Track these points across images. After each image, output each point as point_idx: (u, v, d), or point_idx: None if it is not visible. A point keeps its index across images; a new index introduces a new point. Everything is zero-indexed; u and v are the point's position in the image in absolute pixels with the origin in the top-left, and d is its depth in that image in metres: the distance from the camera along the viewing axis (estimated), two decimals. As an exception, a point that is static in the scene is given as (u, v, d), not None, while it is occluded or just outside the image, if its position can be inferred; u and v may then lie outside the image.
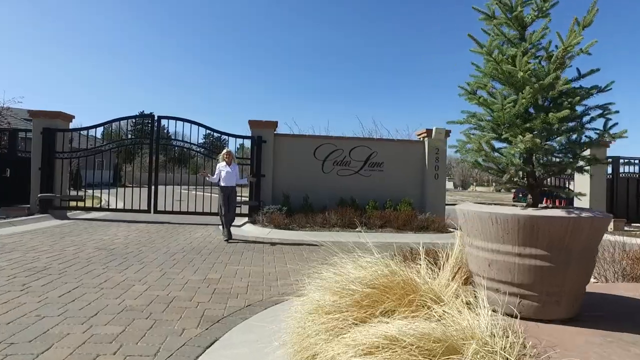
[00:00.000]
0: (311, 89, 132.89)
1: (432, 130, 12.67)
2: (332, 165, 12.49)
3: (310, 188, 12.13)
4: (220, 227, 8.61)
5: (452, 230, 11.28)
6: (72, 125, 12.38)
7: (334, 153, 12.50)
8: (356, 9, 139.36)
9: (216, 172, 8.58)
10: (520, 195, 26.27)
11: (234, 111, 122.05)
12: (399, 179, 12.77)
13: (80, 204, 11.83)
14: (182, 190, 13.03)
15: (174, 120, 11.63)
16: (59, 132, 11.47)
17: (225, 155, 8.58)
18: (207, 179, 8.82)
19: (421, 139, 13.19)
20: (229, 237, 8.33)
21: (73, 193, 12.24)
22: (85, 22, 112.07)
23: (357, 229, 10.67)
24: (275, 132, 12.26)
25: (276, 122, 12.08)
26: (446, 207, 13.13)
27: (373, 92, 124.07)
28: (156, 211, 11.65)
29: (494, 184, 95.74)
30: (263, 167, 11.84)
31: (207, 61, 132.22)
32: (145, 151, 15.89)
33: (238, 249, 7.53)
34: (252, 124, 11.96)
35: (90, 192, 13.14)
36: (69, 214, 11.84)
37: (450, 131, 12.87)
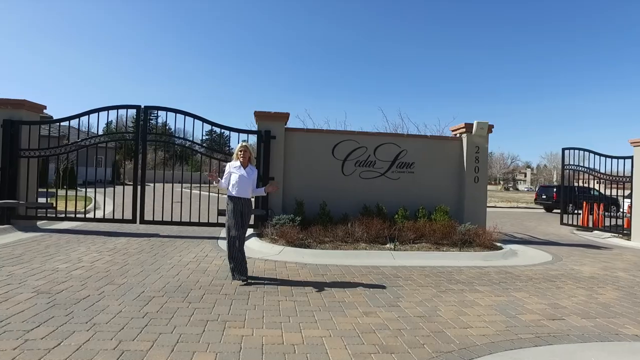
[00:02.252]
0: (319, 88, 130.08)
1: (472, 124, 10.40)
2: (354, 165, 10.23)
3: (328, 193, 9.87)
4: (225, 247, 5.98)
5: (499, 245, 9.04)
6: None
7: (356, 151, 10.23)
8: (359, 6, 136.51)
9: (225, 175, 5.78)
10: (544, 196, 23.97)
11: (241, 111, 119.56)
12: (433, 182, 10.51)
13: (58, 210, 9.59)
14: (180, 190, 10.78)
15: (165, 112, 9.37)
16: (25, 125, 9.20)
17: (240, 152, 5.76)
18: (215, 184, 5.97)
19: (457, 135, 10.91)
20: (242, 274, 5.45)
21: (67, 193, 10.00)
22: (89, 20, 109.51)
23: (387, 245, 8.46)
24: (286, 127, 9.99)
25: (287, 114, 9.80)
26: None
27: (385, 91, 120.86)
28: (143, 221, 9.39)
29: (501, 182, 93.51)
30: (272, 168, 9.58)
31: (212, 58, 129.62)
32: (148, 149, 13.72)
33: (242, 286, 5.28)
34: (259, 115, 9.69)
35: (88, 190, 10.88)
36: (39, 223, 9.61)
37: (493, 125, 10.61)
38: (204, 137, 10.15)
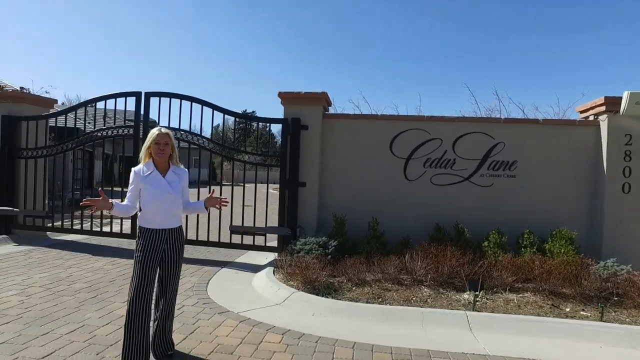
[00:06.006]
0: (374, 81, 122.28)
1: (619, 99, 6.23)
2: (423, 166, 6.79)
3: (382, 207, 6.62)
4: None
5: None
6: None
7: (425, 145, 6.78)
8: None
9: (130, 190, 2.98)
10: None
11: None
12: (546, 191, 6.59)
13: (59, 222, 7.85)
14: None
15: (169, 98, 7.06)
16: (24, 121, 7.61)
17: (155, 146, 2.94)
18: (108, 212, 2.99)
19: (592, 117, 6.78)
20: None
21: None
22: (110, 19, 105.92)
23: (464, 295, 5.00)
24: (324, 112, 7.00)
25: (324, 95, 6.76)
26: None
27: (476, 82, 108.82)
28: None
29: None
30: (302, 170, 6.66)
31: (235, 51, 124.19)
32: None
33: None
34: (286, 98, 6.82)
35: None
36: (50, 234, 7.99)
37: (657, 100, 6.28)
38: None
